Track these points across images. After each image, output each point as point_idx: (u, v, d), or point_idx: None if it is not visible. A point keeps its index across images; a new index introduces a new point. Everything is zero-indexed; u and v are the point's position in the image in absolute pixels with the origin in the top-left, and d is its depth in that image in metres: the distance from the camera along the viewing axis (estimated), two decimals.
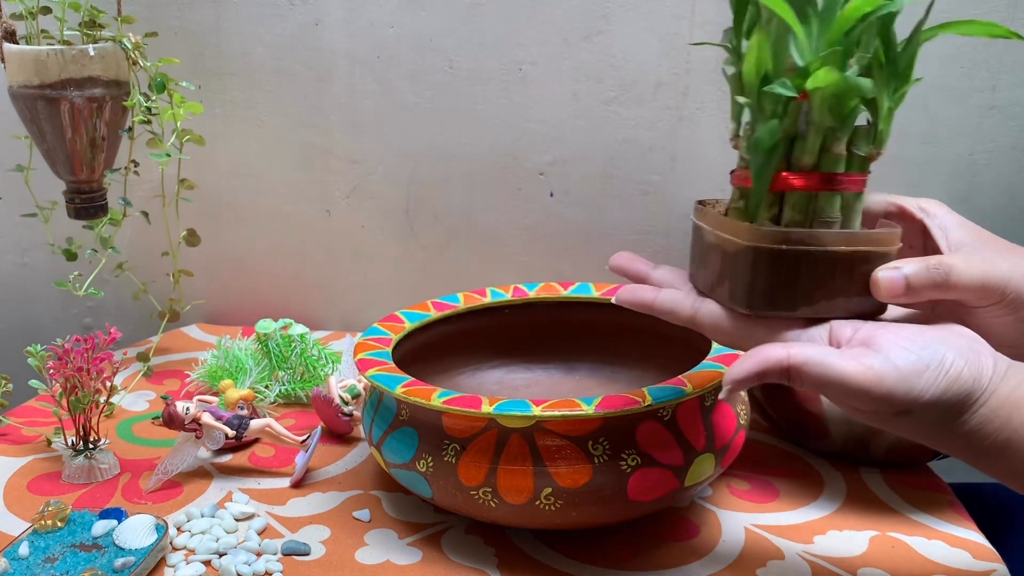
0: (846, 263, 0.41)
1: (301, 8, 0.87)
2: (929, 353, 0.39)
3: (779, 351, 0.40)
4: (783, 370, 0.40)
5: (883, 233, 0.42)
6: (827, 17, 0.39)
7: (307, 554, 0.57)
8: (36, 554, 0.54)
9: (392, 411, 0.58)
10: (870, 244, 0.42)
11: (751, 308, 0.42)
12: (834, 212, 0.42)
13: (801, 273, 0.41)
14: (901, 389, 0.38)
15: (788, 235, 0.41)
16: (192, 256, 0.89)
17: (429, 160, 0.90)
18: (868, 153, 0.42)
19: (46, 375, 0.65)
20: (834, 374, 0.39)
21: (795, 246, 0.41)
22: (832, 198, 0.42)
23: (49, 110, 0.75)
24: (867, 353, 0.39)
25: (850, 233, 0.42)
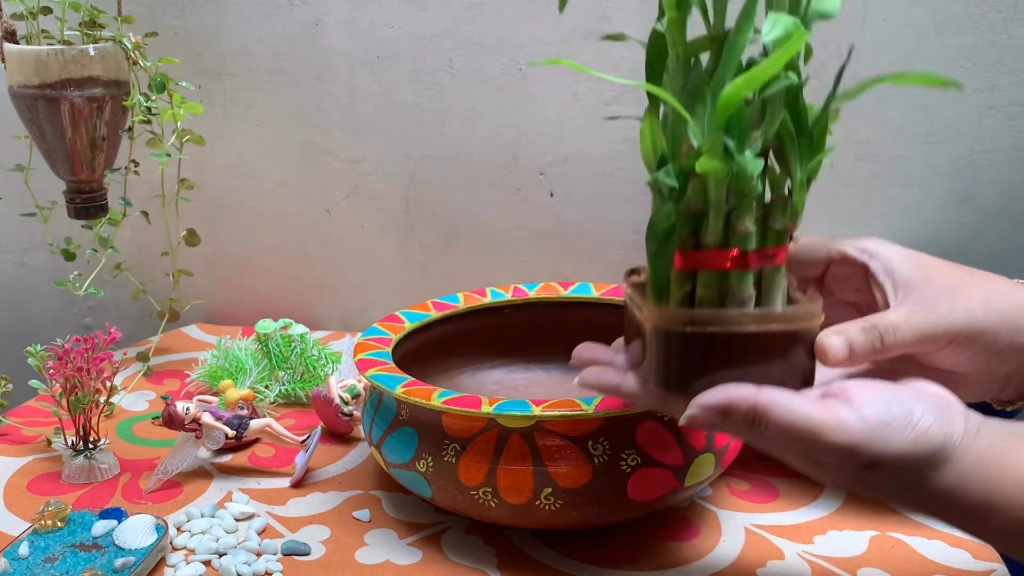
0: (760, 343, 0.39)
1: (301, 8, 0.87)
2: (897, 405, 0.38)
3: (748, 389, 0.38)
4: (749, 408, 0.38)
5: (799, 311, 0.40)
6: (717, 100, 0.38)
7: (307, 554, 0.57)
8: (36, 554, 0.54)
9: (392, 411, 0.58)
10: (784, 323, 0.39)
11: (667, 389, 0.41)
12: (746, 290, 0.40)
13: (713, 355, 0.39)
14: (867, 439, 0.37)
15: (693, 317, 0.39)
16: (192, 256, 0.89)
17: (429, 160, 0.90)
18: (783, 226, 0.40)
19: (46, 375, 0.65)
20: (801, 418, 0.37)
21: (702, 327, 0.39)
22: (744, 275, 0.40)
23: (49, 110, 0.75)
24: (835, 402, 0.38)
25: (762, 313, 0.39)
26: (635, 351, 0.44)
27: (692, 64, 0.40)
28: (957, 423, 0.38)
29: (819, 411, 0.37)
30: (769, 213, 0.40)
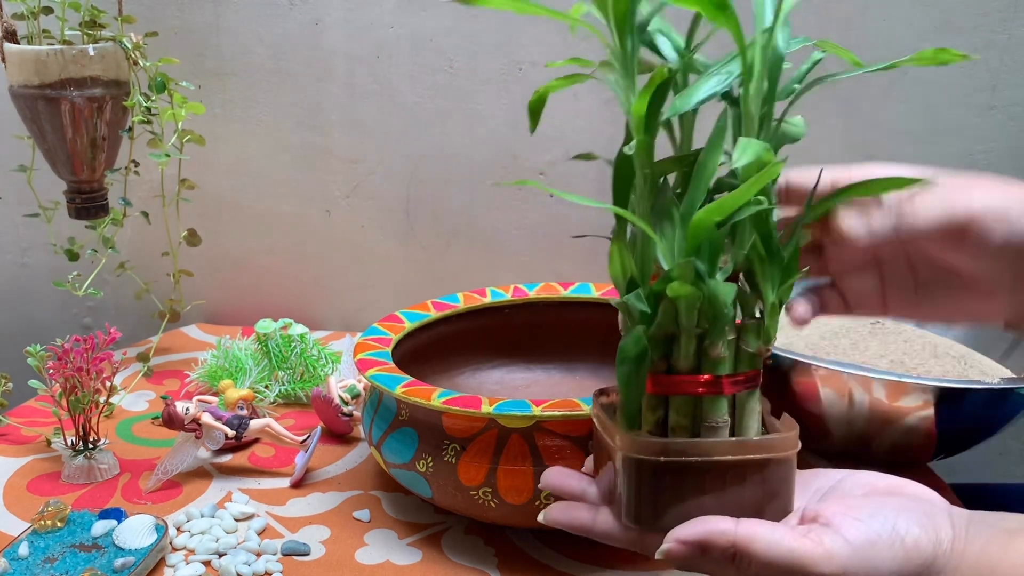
0: (737, 472, 0.38)
1: (301, 8, 0.87)
2: (879, 522, 0.36)
3: (727, 523, 0.36)
4: (728, 544, 0.36)
5: (775, 440, 0.38)
6: (686, 223, 0.37)
7: (307, 554, 0.57)
8: (36, 554, 0.54)
9: (392, 411, 0.58)
10: (761, 452, 0.38)
11: (639, 524, 0.39)
12: (720, 415, 0.38)
13: (687, 485, 0.38)
14: (856, 565, 0.35)
15: (667, 446, 0.38)
16: (192, 256, 0.89)
17: (429, 160, 0.90)
18: (757, 349, 0.39)
19: (46, 375, 0.65)
20: (784, 551, 0.35)
21: (675, 457, 0.37)
22: (717, 401, 0.38)
23: (49, 110, 0.75)
24: (816, 528, 0.36)
25: (738, 442, 0.38)
26: (606, 480, 0.41)
27: (660, 185, 0.39)
28: (944, 529, 0.36)
29: (802, 543, 0.35)
30: (741, 336, 0.39)
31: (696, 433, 0.39)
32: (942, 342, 0.73)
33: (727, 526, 0.36)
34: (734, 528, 0.36)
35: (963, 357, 0.70)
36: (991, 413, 0.64)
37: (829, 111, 0.84)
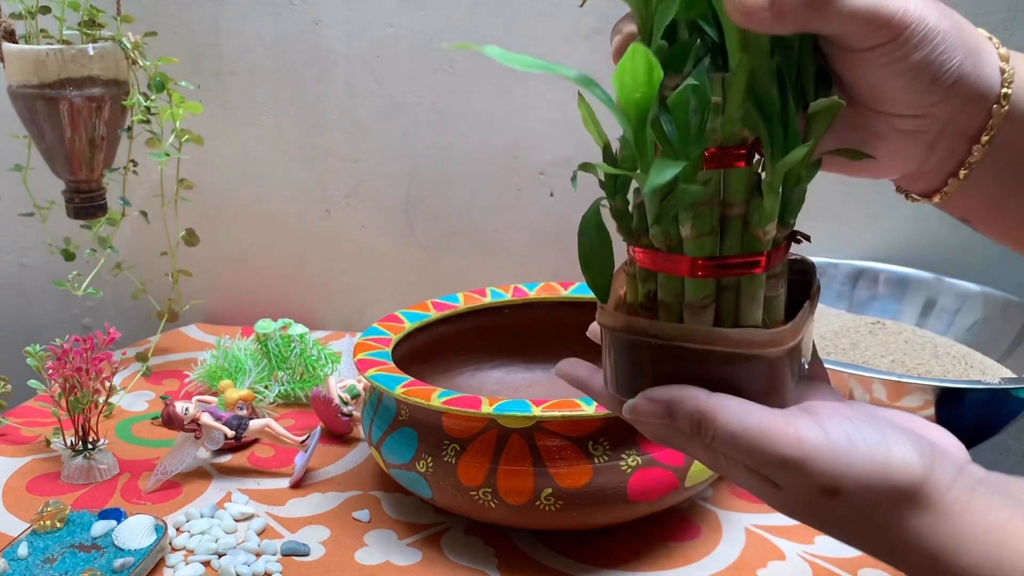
0: (713, 359, 0.34)
1: (301, 8, 0.87)
2: (872, 429, 0.32)
3: (699, 391, 0.33)
4: (694, 409, 0.33)
5: (753, 336, 0.34)
6: None
7: (307, 554, 0.57)
8: (35, 554, 0.54)
9: (392, 411, 0.58)
10: (731, 345, 0.34)
11: (618, 391, 0.37)
12: (699, 297, 0.34)
13: (658, 363, 0.35)
14: (827, 456, 0.31)
15: (630, 323, 0.35)
16: (191, 256, 0.89)
17: (429, 160, 0.90)
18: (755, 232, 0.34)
19: (45, 375, 0.65)
20: (751, 425, 0.32)
21: (638, 336, 0.35)
22: (697, 282, 0.34)
23: (48, 110, 0.75)
24: (797, 413, 0.33)
25: (706, 331, 0.34)
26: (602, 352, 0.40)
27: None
28: (946, 468, 0.32)
29: (774, 419, 0.32)
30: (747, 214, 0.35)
31: (680, 311, 0.35)
32: (942, 342, 0.73)
33: (698, 393, 0.33)
34: (705, 396, 0.33)
35: (963, 357, 0.70)
36: (991, 413, 0.64)
37: None
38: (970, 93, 0.35)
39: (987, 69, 0.36)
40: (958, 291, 0.81)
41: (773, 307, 0.35)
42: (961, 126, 0.37)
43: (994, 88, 0.36)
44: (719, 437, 0.33)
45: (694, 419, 0.33)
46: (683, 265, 0.34)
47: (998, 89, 0.36)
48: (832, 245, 0.88)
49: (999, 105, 0.36)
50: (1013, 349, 0.74)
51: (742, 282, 0.35)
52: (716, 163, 0.34)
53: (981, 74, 0.35)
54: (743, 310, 0.35)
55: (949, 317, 0.80)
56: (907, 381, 0.60)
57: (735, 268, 0.35)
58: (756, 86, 0.33)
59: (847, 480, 0.31)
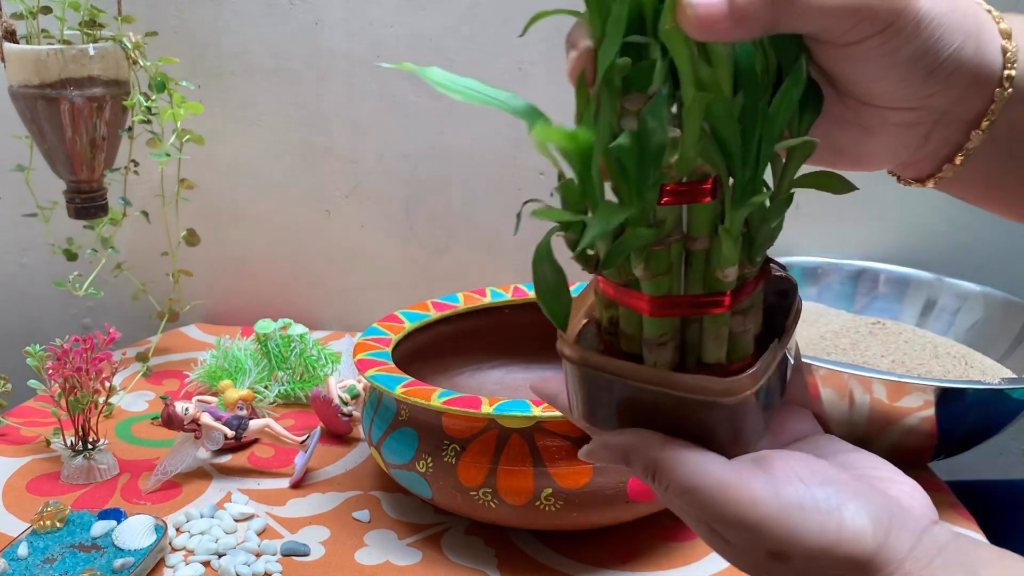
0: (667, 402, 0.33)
1: (301, 8, 0.87)
2: (826, 494, 0.30)
3: (656, 437, 0.32)
4: (651, 460, 0.32)
5: (709, 384, 0.32)
6: None
7: (307, 555, 0.57)
8: (35, 555, 0.54)
9: (392, 411, 0.58)
10: (684, 390, 0.32)
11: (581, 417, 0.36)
12: (655, 335, 0.33)
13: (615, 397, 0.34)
14: (775, 521, 0.30)
15: (587, 358, 0.34)
16: (191, 256, 0.89)
17: (429, 160, 0.90)
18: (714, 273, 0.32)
19: (45, 375, 0.65)
20: (704, 481, 0.30)
21: (594, 370, 0.34)
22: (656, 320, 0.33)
23: (49, 110, 0.75)
24: (751, 469, 0.31)
25: (658, 374, 0.32)
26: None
27: None
28: (904, 537, 0.30)
29: (728, 477, 0.31)
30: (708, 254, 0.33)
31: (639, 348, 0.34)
32: (943, 342, 0.73)
33: (654, 440, 0.32)
34: (661, 444, 0.32)
35: (963, 357, 0.70)
36: (991, 413, 0.64)
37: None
38: (971, 79, 0.32)
39: (989, 50, 0.32)
40: (958, 291, 0.81)
41: (740, 344, 0.33)
42: (959, 113, 0.34)
43: (996, 71, 0.32)
44: (672, 488, 0.32)
45: (649, 469, 0.32)
46: (641, 302, 0.33)
47: (1000, 71, 0.32)
48: (832, 245, 0.88)
49: (1001, 88, 0.33)
50: (1013, 349, 0.74)
51: (705, 320, 0.33)
52: (676, 199, 0.31)
53: (983, 59, 0.32)
54: (706, 348, 0.33)
55: (949, 317, 0.80)
56: (907, 381, 0.60)
57: (695, 307, 0.33)
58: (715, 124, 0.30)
59: (796, 548, 0.30)
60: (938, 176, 0.37)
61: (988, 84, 0.33)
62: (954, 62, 0.32)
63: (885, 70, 0.32)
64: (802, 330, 0.75)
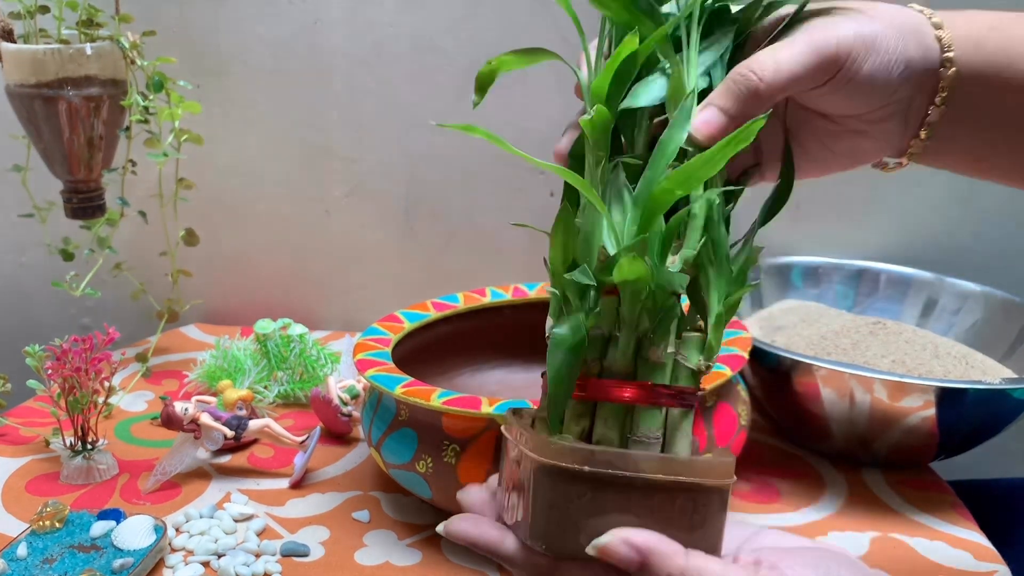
0: (664, 494, 0.33)
1: (300, 7, 0.87)
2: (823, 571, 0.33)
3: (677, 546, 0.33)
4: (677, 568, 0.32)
5: (713, 463, 0.34)
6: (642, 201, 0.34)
7: (306, 555, 0.57)
8: (34, 555, 0.54)
9: (391, 412, 0.58)
10: (695, 475, 0.33)
11: (548, 545, 0.34)
12: (653, 429, 0.35)
13: (607, 501, 0.34)
14: None
15: (594, 454, 0.33)
16: (191, 256, 0.89)
17: (429, 160, 0.90)
18: (697, 366, 0.35)
19: (44, 375, 0.64)
20: None
21: (600, 468, 0.33)
22: (650, 412, 0.34)
23: (46, 109, 0.74)
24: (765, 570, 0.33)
25: (673, 459, 0.34)
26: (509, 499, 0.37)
27: (613, 167, 0.36)
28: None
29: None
30: (682, 349, 0.35)
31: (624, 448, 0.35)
32: (943, 342, 0.73)
33: (677, 549, 0.33)
34: (684, 555, 0.33)
35: (964, 357, 0.70)
36: (992, 413, 0.64)
37: None
38: (922, 70, 0.40)
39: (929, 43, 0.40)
40: (958, 291, 0.81)
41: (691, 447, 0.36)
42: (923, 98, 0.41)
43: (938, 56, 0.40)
44: None
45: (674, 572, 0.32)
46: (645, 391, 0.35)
47: (940, 55, 0.40)
48: (832, 245, 0.88)
49: (944, 68, 0.40)
50: (1014, 349, 0.74)
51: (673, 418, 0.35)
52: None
53: (927, 52, 0.39)
54: (676, 448, 0.35)
55: (950, 317, 0.80)
56: (907, 381, 0.60)
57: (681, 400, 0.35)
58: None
59: None
60: (909, 152, 0.43)
61: (935, 70, 0.40)
62: (902, 61, 0.39)
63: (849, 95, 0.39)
64: (802, 330, 0.75)
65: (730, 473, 0.34)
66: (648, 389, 0.35)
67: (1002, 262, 0.86)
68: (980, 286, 0.80)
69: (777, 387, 0.67)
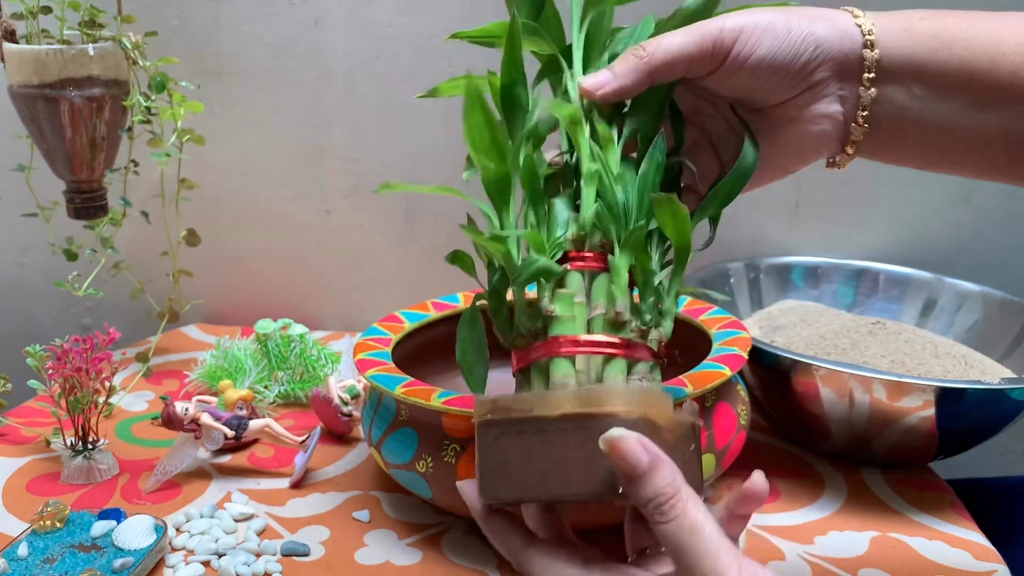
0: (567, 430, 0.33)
1: (301, 7, 0.87)
2: None
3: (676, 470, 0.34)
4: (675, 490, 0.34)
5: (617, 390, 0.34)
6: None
7: (306, 555, 0.57)
8: (35, 555, 0.54)
9: (392, 411, 0.58)
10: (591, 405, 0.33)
11: (484, 496, 0.36)
12: (558, 375, 0.35)
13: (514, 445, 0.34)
14: None
15: (496, 402, 0.35)
16: (191, 256, 0.89)
17: (429, 160, 0.90)
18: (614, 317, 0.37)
19: (45, 375, 0.65)
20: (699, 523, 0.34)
21: (500, 415, 0.34)
22: (558, 362, 0.35)
23: (49, 110, 0.75)
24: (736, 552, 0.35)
25: (563, 394, 0.34)
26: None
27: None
28: None
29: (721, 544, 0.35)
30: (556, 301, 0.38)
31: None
32: (942, 342, 0.73)
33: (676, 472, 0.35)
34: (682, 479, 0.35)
35: (963, 357, 0.70)
36: (991, 413, 0.64)
37: None
38: (840, 52, 0.41)
39: (847, 28, 0.41)
40: (958, 291, 0.81)
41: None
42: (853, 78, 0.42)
43: (859, 39, 0.41)
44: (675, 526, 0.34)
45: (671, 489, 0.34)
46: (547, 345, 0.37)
47: (861, 38, 0.41)
48: (832, 245, 0.88)
49: (868, 50, 0.41)
50: (1013, 349, 0.74)
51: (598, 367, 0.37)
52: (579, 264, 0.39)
53: (846, 38, 0.41)
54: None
55: (949, 317, 0.81)
56: (907, 381, 0.60)
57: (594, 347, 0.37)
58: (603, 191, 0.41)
59: None
60: (852, 140, 0.44)
61: (858, 52, 0.41)
62: (812, 42, 0.40)
63: (755, 74, 0.41)
64: (801, 330, 0.75)
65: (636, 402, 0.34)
66: (551, 342, 0.37)
67: (1001, 262, 0.87)
68: (979, 286, 0.80)
69: (776, 387, 0.67)
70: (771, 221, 0.87)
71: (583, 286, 0.39)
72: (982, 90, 0.40)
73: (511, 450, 0.34)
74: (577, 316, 0.37)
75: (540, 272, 0.38)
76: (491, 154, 0.40)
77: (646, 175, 0.40)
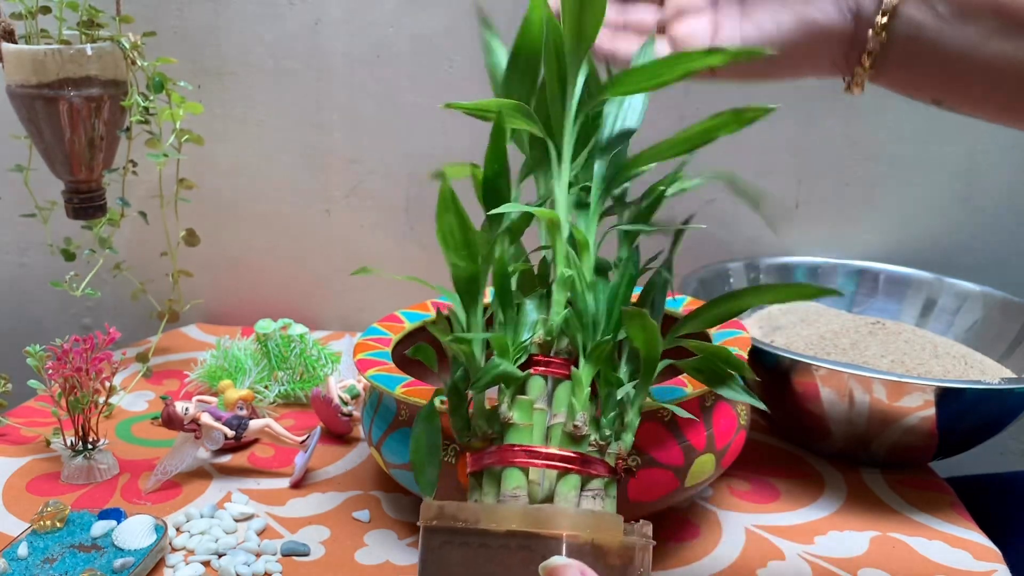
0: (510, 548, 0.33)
1: (301, 8, 0.87)
2: None
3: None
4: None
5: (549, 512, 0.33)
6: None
7: (306, 555, 0.57)
8: (35, 555, 0.54)
9: (392, 411, 0.58)
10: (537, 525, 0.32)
11: None
12: (510, 488, 0.35)
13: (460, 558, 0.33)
14: None
15: (442, 508, 0.34)
16: (191, 256, 0.89)
17: (429, 160, 0.90)
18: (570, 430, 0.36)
19: (45, 375, 0.65)
20: None
21: (446, 522, 0.34)
22: (511, 472, 0.35)
23: (47, 110, 0.74)
24: None
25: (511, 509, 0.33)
26: None
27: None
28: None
29: None
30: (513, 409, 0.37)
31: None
32: (942, 342, 0.73)
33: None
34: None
35: (963, 357, 0.70)
36: (991, 413, 0.64)
37: (828, 111, 0.84)
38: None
39: None
40: (958, 291, 0.81)
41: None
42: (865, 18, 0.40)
43: None
44: None
45: None
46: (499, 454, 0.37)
47: None
48: (832, 245, 0.88)
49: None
50: (1013, 349, 0.74)
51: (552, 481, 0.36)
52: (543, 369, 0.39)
53: None
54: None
55: (949, 317, 0.81)
56: (907, 381, 0.60)
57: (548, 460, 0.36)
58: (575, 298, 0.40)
59: None
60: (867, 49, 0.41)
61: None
62: None
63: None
64: (801, 330, 0.75)
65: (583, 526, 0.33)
66: (505, 450, 0.36)
67: (1001, 262, 0.87)
68: (979, 286, 0.80)
69: (776, 387, 0.67)
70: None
71: (546, 392, 0.38)
72: (1013, 13, 0.37)
73: (454, 561, 0.34)
74: (536, 423, 0.36)
75: (501, 377, 0.38)
76: (462, 254, 0.41)
77: (617, 287, 0.40)
